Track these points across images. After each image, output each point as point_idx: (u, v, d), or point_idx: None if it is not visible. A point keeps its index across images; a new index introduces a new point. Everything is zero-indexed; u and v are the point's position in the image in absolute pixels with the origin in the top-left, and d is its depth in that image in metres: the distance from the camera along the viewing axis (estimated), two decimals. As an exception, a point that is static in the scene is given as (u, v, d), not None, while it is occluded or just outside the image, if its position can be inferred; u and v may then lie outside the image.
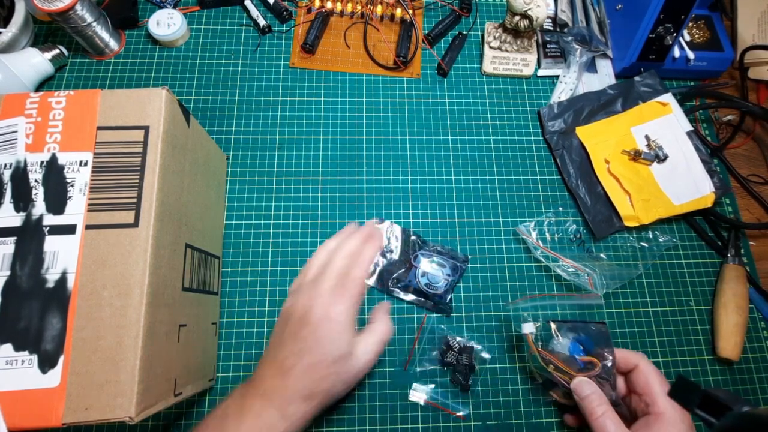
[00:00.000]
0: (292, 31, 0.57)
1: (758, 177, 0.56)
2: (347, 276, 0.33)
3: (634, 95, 0.56)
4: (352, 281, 0.33)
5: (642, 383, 0.37)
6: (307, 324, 0.32)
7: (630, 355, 0.40)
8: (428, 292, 0.46)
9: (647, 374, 0.37)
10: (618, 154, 0.53)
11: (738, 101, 0.55)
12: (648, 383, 0.37)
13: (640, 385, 0.37)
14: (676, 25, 0.52)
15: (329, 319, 0.32)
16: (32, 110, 0.34)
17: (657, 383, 0.37)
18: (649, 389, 0.37)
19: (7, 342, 0.29)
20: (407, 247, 0.49)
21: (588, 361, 0.40)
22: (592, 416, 0.35)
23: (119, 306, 0.30)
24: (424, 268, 0.47)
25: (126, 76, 0.54)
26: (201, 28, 0.57)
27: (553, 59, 0.58)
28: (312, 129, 0.53)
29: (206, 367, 0.41)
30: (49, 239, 0.31)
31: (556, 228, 0.51)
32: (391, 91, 0.56)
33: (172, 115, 0.35)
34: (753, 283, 0.51)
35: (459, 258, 0.49)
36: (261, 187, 0.51)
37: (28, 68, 0.49)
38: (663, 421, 0.34)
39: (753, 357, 0.49)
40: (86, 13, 0.49)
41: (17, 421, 0.28)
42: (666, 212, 0.51)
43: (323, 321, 0.32)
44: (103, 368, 0.29)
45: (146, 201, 0.32)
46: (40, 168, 0.32)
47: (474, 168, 0.53)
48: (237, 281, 0.47)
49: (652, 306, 0.49)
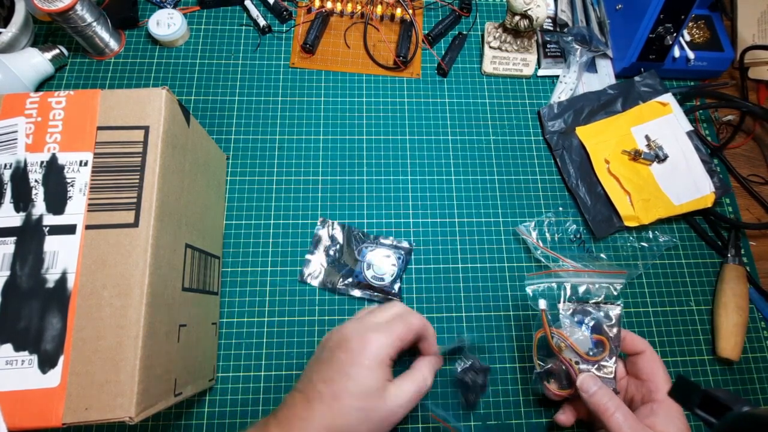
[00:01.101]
0: (292, 31, 0.57)
1: (758, 177, 0.56)
2: (401, 317, 0.34)
3: (634, 95, 0.56)
4: (402, 321, 0.33)
5: (647, 370, 0.38)
6: (343, 350, 0.32)
7: (637, 340, 0.40)
8: (375, 284, 0.46)
9: (653, 361, 0.38)
10: (618, 154, 0.53)
11: (738, 101, 0.55)
12: (653, 371, 0.37)
13: (645, 372, 0.38)
14: (676, 25, 0.52)
15: (364, 348, 0.31)
16: (32, 110, 0.34)
17: (662, 370, 0.37)
18: (654, 376, 0.37)
19: (7, 342, 0.29)
20: (351, 244, 0.49)
21: (599, 340, 0.39)
22: (605, 414, 0.35)
23: (119, 306, 0.30)
24: (369, 260, 0.47)
25: (126, 76, 0.54)
26: (201, 28, 0.57)
27: (553, 59, 0.58)
28: (312, 129, 0.53)
29: (206, 367, 0.41)
30: (49, 239, 0.31)
31: (556, 228, 0.51)
32: (391, 91, 0.56)
33: (172, 115, 0.35)
34: (753, 283, 0.51)
35: (403, 247, 0.49)
36: (261, 187, 0.51)
37: (28, 68, 0.49)
38: (667, 408, 0.35)
39: (753, 357, 0.49)
40: (86, 13, 0.49)
41: (17, 421, 0.28)
42: (666, 212, 0.51)
43: (358, 350, 0.31)
44: (103, 368, 0.29)
45: (146, 201, 0.32)
46: (40, 168, 0.32)
47: (474, 168, 0.53)
48: (237, 281, 0.47)
49: (652, 306, 0.49)
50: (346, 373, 0.31)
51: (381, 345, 0.32)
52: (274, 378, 0.44)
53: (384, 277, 0.47)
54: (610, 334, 0.39)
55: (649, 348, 0.39)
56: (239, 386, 0.44)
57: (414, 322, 0.34)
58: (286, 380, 0.45)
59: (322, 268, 0.48)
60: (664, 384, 0.36)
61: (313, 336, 0.46)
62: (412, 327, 0.34)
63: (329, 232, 0.49)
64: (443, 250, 0.50)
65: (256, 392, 0.44)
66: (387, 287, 0.47)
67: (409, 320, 0.34)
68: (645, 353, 0.39)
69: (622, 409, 0.34)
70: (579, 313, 0.40)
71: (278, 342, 0.46)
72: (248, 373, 0.44)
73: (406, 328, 0.33)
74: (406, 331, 0.33)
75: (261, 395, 0.44)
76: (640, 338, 0.40)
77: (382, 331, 0.33)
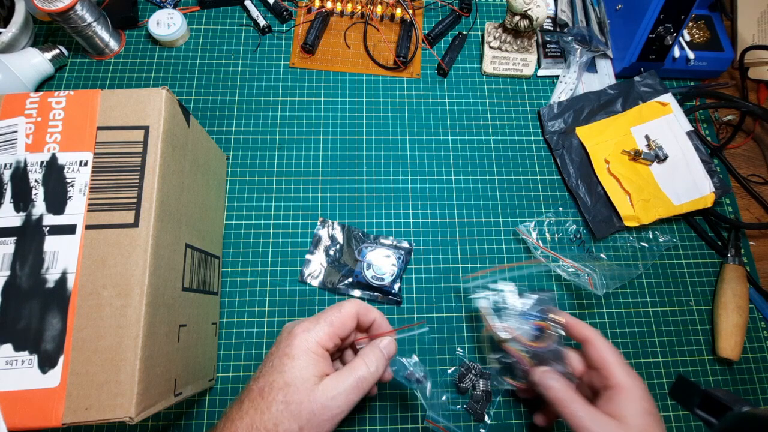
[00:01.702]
0: (292, 31, 0.57)
1: (758, 177, 0.56)
2: (334, 305, 0.33)
3: (634, 95, 0.56)
4: (334, 307, 0.32)
5: (596, 357, 0.36)
6: (275, 344, 0.31)
7: (582, 326, 0.38)
8: (375, 284, 0.46)
9: (600, 348, 0.36)
10: (618, 154, 0.53)
11: (738, 101, 0.55)
12: (602, 356, 0.36)
13: (595, 359, 0.36)
14: (676, 25, 0.52)
15: (289, 339, 0.30)
16: (32, 110, 0.34)
17: (611, 354, 0.36)
18: (603, 362, 0.35)
19: (7, 342, 0.29)
20: (351, 244, 0.49)
21: (540, 326, 0.41)
22: (561, 406, 0.34)
23: (119, 306, 0.30)
24: (369, 260, 0.47)
25: (126, 76, 0.54)
26: (201, 28, 0.57)
27: (553, 59, 0.58)
28: (312, 129, 0.53)
29: (206, 367, 0.41)
30: (49, 239, 0.31)
31: (556, 228, 0.51)
32: (391, 91, 0.56)
33: (172, 115, 0.35)
34: (753, 283, 0.51)
35: (403, 247, 0.49)
36: (261, 187, 0.51)
37: (28, 68, 0.49)
38: (622, 392, 0.33)
39: (753, 357, 0.49)
40: (86, 13, 0.49)
41: (17, 421, 0.28)
42: (666, 212, 0.51)
43: (284, 341, 0.30)
44: (103, 368, 0.29)
45: (146, 201, 0.32)
46: (40, 168, 0.32)
47: (474, 168, 0.53)
48: (237, 281, 0.47)
49: (652, 306, 0.49)
50: (272, 366, 0.29)
51: (307, 333, 0.30)
52: (274, 378, 0.44)
53: (384, 277, 0.47)
54: (551, 319, 0.41)
55: (595, 334, 0.37)
56: (239, 386, 0.44)
57: (346, 305, 0.32)
58: (286, 380, 0.44)
59: (322, 268, 0.48)
60: (614, 369, 0.35)
61: (313, 336, 0.46)
62: (344, 310, 0.32)
63: (329, 232, 0.49)
64: (443, 250, 0.50)
65: (256, 392, 0.44)
66: (387, 287, 0.47)
67: (340, 305, 0.32)
68: (592, 341, 0.37)
69: (578, 401, 0.34)
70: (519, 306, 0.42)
71: (278, 342, 0.46)
72: (248, 374, 0.44)
73: (337, 312, 0.32)
74: (337, 316, 0.31)
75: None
76: (586, 325, 0.38)
77: (309, 319, 0.31)
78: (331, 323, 0.31)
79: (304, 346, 0.30)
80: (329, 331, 0.31)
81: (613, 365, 0.35)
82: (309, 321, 0.31)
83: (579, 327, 0.38)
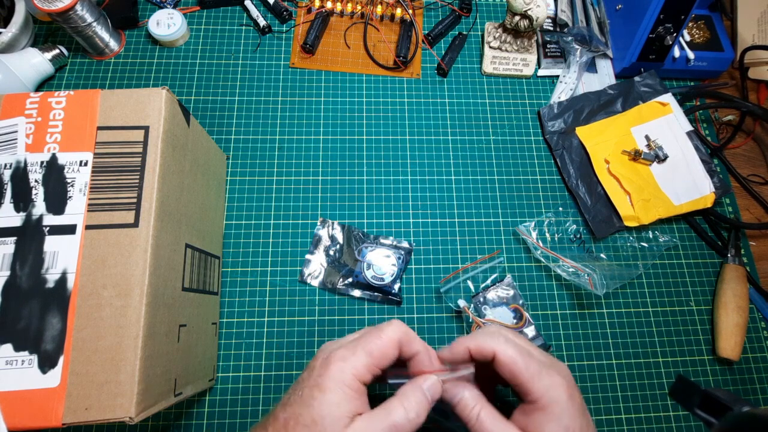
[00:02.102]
0: (292, 31, 0.57)
1: (758, 177, 0.56)
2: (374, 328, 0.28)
3: (634, 95, 0.56)
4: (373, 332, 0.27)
5: (507, 373, 0.28)
6: (307, 370, 0.27)
7: (483, 341, 0.29)
8: (375, 284, 0.46)
9: (507, 364, 0.28)
10: (618, 154, 0.53)
11: (738, 101, 0.55)
12: (513, 372, 0.28)
13: (506, 376, 0.29)
14: (676, 25, 0.52)
15: (324, 368, 0.26)
16: (32, 110, 0.34)
17: (521, 367, 0.28)
18: (516, 378, 0.28)
19: (7, 342, 0.29)
20: (351, 244, 0.49)
21: (515, 309, 0.46)
22: (469, 421, 0.28)
23: (119, 306, 0.30)
24: (369, 260, 0.47)
25: (126, 76, 0.54)
26: (201, 28, 0.57)
27: (553, 59, 0.58)
28: (312, 129, 0.53)
29: (206, 367, 0.41)
30: (49, 239, 0.31)
31: (556, 228, 0.51)
32: (391, 91, 0.56)
33: (172, 115, 0.35)
34: (753, 283, 0.51)
35: (403, 247, 0.49)
36: (261, 187, 0.51)
37: (28, 68, 0.49)
38: (541, 410, 0.27)
39: (753, 357, 0.49)
40: (86, 13, 0.49)
41: (17, 421, 0.28)
42: (666, 212, 0.51)
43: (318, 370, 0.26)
44: (103, 368, 0.29)
45: (146, 201, 0.32)
46: (40, 168, 0.32)
47: (474, 168, 0.53)
48: (237, 281, 0.47)
49: (652, 306, 0.49)
50: (300, 396, 0.26)
51: (343, 363, 0.26)
52: (274, 378, 0.44)
53: (384, 277, 0.47)
54: (518, 301, 0.47)
55: (498, 345, 0.29)
56: (239, 386, 0.44)
57: (387, 332, 0.28)
58: (286, 380, 0.45)
59: (322, 268, 0.48)
60: (529, 384, 0.28)
61: (313, 336, 0.46)
62: (384, 337, 0.27)
63: (329, 232, 0.49)
64: (443, 250, 0.50)
65: (256, 392, 0.44)
66: (387, 287, 0.47)
67: (381, 329, 0.28)
68: (495, 357, 0.29)
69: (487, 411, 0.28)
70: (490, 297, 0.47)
71: (278, 342, 0.46)
72: (248, 373, 0.44)
73: (377, 339, 0.27)
74: (378, 344, 0.27)
75: (261, 395, 0.44)
76: (487, 335, 0.30)
77: (347, 346, 0.27)
78: (370, 353, 0.27)
79: (339, 378, 0.26)
80: (368, 363, 0.27)
81: (528, 378, 0.28)
82: (346, 348, 0.27)
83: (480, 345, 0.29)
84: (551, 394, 0.27)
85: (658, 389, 0.47)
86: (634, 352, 0.48)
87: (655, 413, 0.46)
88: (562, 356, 0.47)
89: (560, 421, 0.27)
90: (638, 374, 0.47)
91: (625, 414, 0.46)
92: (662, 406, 0.46)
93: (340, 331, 0.46)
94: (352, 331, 0.46)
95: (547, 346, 0.46)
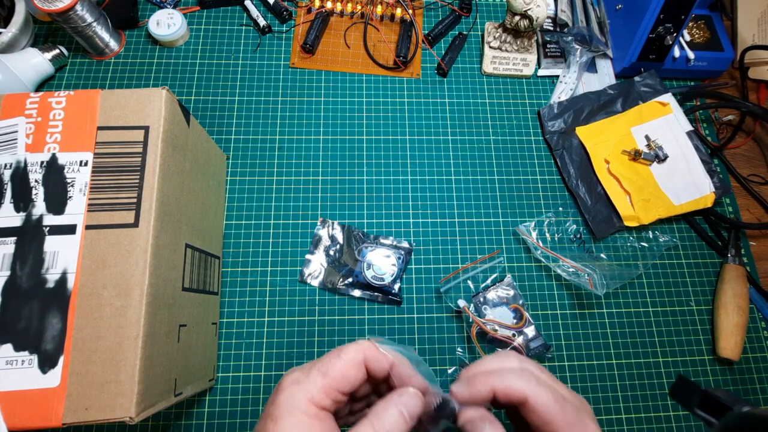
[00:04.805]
0: (292, 31, 0.57)
1: (758, 177, 0.56)
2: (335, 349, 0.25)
3: (634, 95, 0.56)
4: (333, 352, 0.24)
5: (538, 423, 0.24)
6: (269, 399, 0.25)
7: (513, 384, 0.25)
8: (375, 284, 0.46)
9: (542, 413, 0.24)
10: (618, 154, 0.53)
11: (738, 101, 0.55)
12: (548, 422, 0.24)
13: (536, 425, 0.25)
14: (676, 25, 0.52)
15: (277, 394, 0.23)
16: (32, 110, 0.34)
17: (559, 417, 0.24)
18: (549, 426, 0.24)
19: (7, 342, 0.29)
20: (351, 244, 0.49)
21: (515, 308, 0.46)
22: None
23: (119, 306, 0.30)
24: (369, 260, 0.47)
25: (126, 76, 0.54)
26: (201, 28, 0.57)
27: (553, 59, 0.58)
28: (312, 129, 0.53)
29: (206, 367, 0.41)
30: (49, 239, 0.31)
31: (556, 228, 0.51)
32: (391, 91, 0.56)
33: (172, 115, 0.35)
34: (753, 283, 0.51)
35: (403, 247, 0.49)
36: (261, 187, 0.51)
37: (28, 68, 0.49)
38: None
39: (753, 357, 0.49)
40: (86, 13, 0.49)
41: (17, 421, 0.28)
42: (666, 212, 0.51)
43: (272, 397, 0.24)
44: (103, 368, 0.29)
45: (146, 201, 0.32)
46: (40, 168, 0.32)
47: (474, 168, 0.53)
48: (237, 281, 0.47)
49: (652, 306, 0.49)
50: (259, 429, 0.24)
51: (296, 387, 0.23)
52: (274, 378, 0.44)
53: (384, 277, 0.47)
54: (518, 301, 0.47)
55: (530, 392, 0.24)
56: (239, 386, 0.44)
57: (348, 350, 0.24)
58: (286, 380, 0.45)
59: (322, 268, 0.48)
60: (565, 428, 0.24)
61: (313, 336, 0.46)
62: (344, 356, 0.24)
63: (329, 232, 0.49)
64: (443, 250, 0.50)
65: (256, 392, 0.44)
66: (387, 287, 0.47)
67: (341, 349, 0.24)
68: (527, 402, 0.24)
69: None
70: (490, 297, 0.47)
71: (278, 342, 0.46)
72: (248, 373, 0.44)
73: (335, 358, 0.24)
74: (335, 365, 0.24)
75: (261, 395, 0.44)
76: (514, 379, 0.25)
77: (303, 367, 0.24)
78: (326, 374, 0.23)
79: (290, 404, 0.23)
80: (324, 385, 0.23)
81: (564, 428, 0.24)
82: (301, 370, 0.24)
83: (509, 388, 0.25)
84: None
85: (658, 389, 0.47)
86: (634, 352, 0.48)
87: (655, 413, 0.46)
88: (562, 356, 0.47)
89: None
90: (638, 374, 0.47)
91: (625, 414, 0.46)
92: (662, 406, 0.46)
93: (340, 330, 0.46)
94: (351, 331, 0.46)
95: (547, 346, 0.46)
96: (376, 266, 0.47)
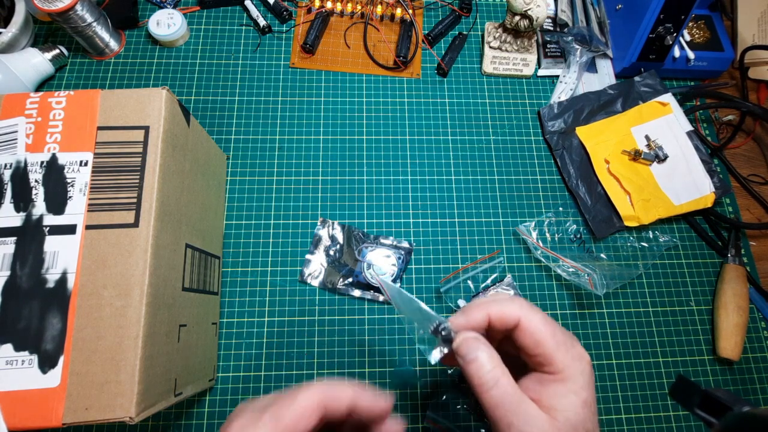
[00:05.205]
0: (292, 31, 0.57)
1: (758, 177, 0.56)
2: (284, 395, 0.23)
3: (634, 95, 0.56)
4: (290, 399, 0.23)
5: (530, 342, 0.26)
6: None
7: (506, 307, 0.27)
8: (375, 284, 0.46)
9: (533, 331, 0.26)
10: (618, 154, 0.53)
11: (738, 101, 0.55)
12: (538, 341, 0.26)
13: (528, 345, 0.27)
14: (676, 25, 0.52)
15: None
16: (32, 110, 0.34)
17: (547, 335, 0.26)
18: (540, 347, 0.26)
19: (7, 342, 0.29)
20: (351, 244, 0.49)
21: None
22: (483, 386, 0.25)
23: (119, 306, 0.30)
24: (369, 260, 0.47)
25: (126, 76, 0.54)
26: (201, 28, 0.57)
27: (553, 59, 0.58)
28: (312, 129, 0.53)
29: (206, 367, 0.41)
30: (49, 239, 0.31)
31: (556, 228, 0.51)
32: (391, 91, 0.56)
33: (172, 115, 0.35)
34: (753, 283, 0.51)
35: (403, 247, 0.49)
36: (261, 187, 0.51)
37: (28, 68, 0.49)
38: (562, 382, 0.26)
39: (753, 357, 0.49)
40: (86, 13, 0.49)
41: (17, 421, 0.28)
42: (666, 212, 0.51)
43: None
44: (103, 368, 0.29)
45: (146, 201, 0.32)
46: (40, 168, 0.32)
47: (474, 168, 0.53)
48: (237, 281, 0.47)
49: (652, 306, 0.49)
50: None
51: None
52: (274, 378, 0.44)
53: (385, 277, 0.47)
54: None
55: (523, 314, 0.27)
56: (239, 386, 0.44)
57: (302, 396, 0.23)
58: (286, 380, 0.45)
59: (322, 268, 0.48)
60: (557, 353, 0.26)
61: (313, 336, 0.46)
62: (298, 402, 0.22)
63: (329, 232, 0.49)
64: (443, 250, 0.50)
65: (256, 392, 0.44)
66: None
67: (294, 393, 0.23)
68: (519, 324, 0.27)
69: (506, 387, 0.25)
70: None
71: (278, 342, 0.46)
72: (248, 373, 0.44)
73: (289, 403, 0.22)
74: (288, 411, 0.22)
75: (261, 395, 0.44)
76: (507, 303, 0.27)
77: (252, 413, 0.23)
78: (277, 419, 0.22)
79: None
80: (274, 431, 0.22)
81: (553, 347, 0.26)
82: (251, 413, 0.23)
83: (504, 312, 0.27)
84: (576, 366, 0.26)
85: (658, 389, 0.47)
86: (634, 352, 0.48)
87: (655, 413, 0.46)
88: (562, 356, 0.47)
89: (580, 395, 0.25)
90: (638, 374, 0.47)
91: (625, 414, 0.46)
92: (662, 406, 0.46)
93: (340, 330, 0.46)
94: (351, 331, 0.46)
95: None
96: (376, 266, 0.47)
